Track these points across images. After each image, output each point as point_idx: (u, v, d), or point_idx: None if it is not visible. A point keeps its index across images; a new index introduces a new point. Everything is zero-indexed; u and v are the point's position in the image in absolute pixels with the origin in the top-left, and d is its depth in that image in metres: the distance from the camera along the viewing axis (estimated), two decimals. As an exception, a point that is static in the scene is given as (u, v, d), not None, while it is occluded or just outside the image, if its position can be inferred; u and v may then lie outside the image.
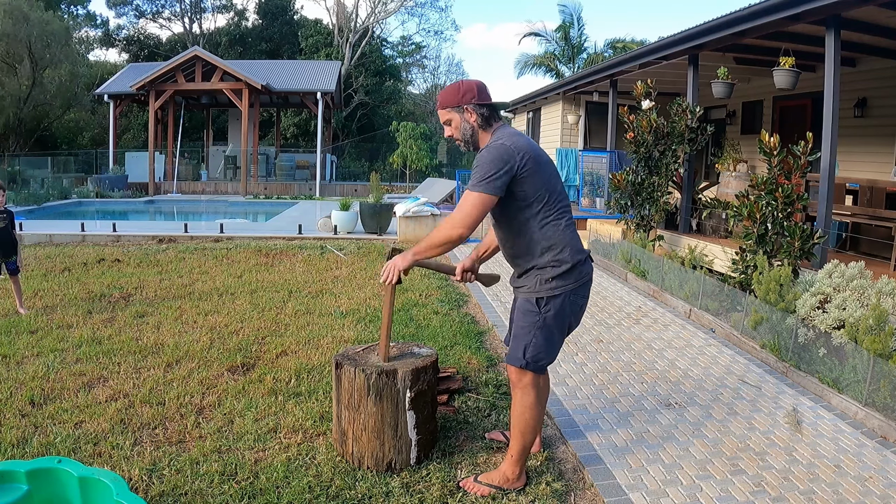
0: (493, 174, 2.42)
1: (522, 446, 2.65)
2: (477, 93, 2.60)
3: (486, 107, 2.61)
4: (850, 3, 5.25)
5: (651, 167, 7.82)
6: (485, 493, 2.61)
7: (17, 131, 23.28)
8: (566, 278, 2.54)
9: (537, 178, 2.50)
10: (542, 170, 2.52)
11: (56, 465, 2.05)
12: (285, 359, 4.15)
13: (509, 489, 2.64)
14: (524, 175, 2.47)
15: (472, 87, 2.62)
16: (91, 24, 31.54)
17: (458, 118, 2.62)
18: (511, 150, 2.45)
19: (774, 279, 4.71)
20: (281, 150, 24.42)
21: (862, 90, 8.42)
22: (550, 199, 2.54)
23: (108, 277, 6.54)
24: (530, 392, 2.60)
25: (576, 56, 25.30)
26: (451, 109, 2.62)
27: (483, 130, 2.62)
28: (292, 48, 31.53)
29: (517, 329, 2.62)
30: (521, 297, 2.62)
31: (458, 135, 2.64)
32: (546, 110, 15.63)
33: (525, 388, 2.60)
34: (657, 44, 8.35)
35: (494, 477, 2.66)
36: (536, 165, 2.49)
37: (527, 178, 2.47)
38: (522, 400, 2.61)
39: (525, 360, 2.56)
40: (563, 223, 2.57)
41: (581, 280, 2.60)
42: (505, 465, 2.69)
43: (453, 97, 2.61)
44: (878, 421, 3.35)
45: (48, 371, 3.81)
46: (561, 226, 2.56)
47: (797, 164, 5.21)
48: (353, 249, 8.79)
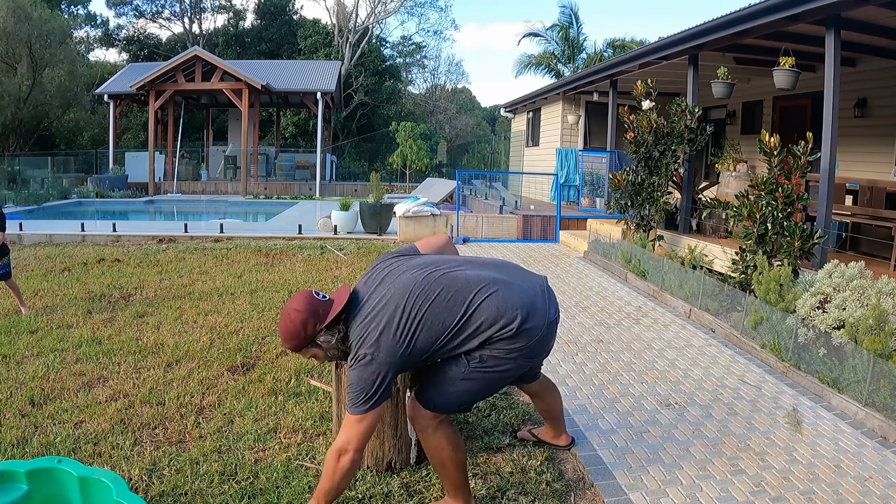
0: (367, 394, 2.17)
1: (453, 482, 2.45)
2: (316, 318, 2.26)
3: (335, 321, 2.27)
4: (850, 3, 5.25)
5: (651, 167, 7.82)
6: None
7: (17, 131, 23.26)
8: (513, 342, 2.28)
9: (420, 341, 2.22)
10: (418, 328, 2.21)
11: (56, 465, 2.05)
12: (285, 359, 4.15)
13: None
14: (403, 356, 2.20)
15: (306, 317, 2.25)
16: (91, 24, 31.52)
17: (318, 350, 2.32)
18: (377, 359, 2.17)
19: (774, 279, 4.71)
20: (281, 150, 24.40)
21: (862, 90, 8.42)
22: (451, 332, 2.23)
23: (108, 277, 6.54)
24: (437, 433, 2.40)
25: (575, 56, 25.29)
26: (308, 347, 2.31)
27: (345, 341, 2.29)
28: (291, 48, 31.51)
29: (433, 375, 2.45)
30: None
31: (327, 360, 2.39)
32: (546, 110, 15.63)
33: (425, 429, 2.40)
34: (657, 44, 8.35)
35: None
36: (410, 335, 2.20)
37: (409, 354, 2.21)
38: (429, 442, 2.42)
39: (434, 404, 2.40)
40: (490, 298, 2.25)
41: (534, 338, 2.31)
42: (447, 499, 2.49)
43: (298, 339, 2.28)
44: (878, 421, 3.35)
45: (48, 371, 3.81)
46: (485, 304, 2.24)
47: (797, 164, 5.21)
48: (353, 249, 8.79)
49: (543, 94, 14.75)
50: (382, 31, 34.43)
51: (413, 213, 9.91)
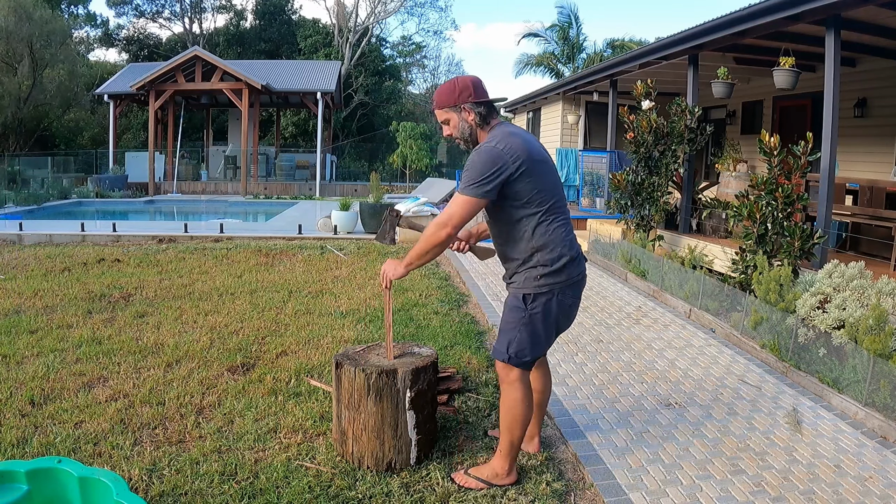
0: (482, 179, 2.40)
1: (510, 441, 2.65)
2: (473, 90, 2.55)
3: (484, 104, 2.57)
4: (850, 3, 5.25)
5: (651, 167, 7.82)
6: (472, 486, 2.63)
7: (17, 131, 23.27)
8: (555, 276, 2.53)
9: (531, 180, 2.47)
10: (536, 170, 2.48)
11: (56, 465, 2.05)
12: (285, 359, 4.15)
13: (499, 484, 2.65)
14: (516, 177, 2.44)
15: (468, 84, 2.57)
16: (91, 24, 31.53)
17: (455, 118, 2.58)
18: (503, 154, 2.42)
19: (774, 279, 4.71)
20: (281, 150, 24.40)
21: (862, 90, 8.42)
22: (544, 200, 2.51)
23: (108, 277, 6.54)
24: (517, 387, 2.60)
25: (575, 56, 25.30)
26: (448, 109, 2.58)
27: (481, 129, 2.58)
28: (291, 48, 31.52)
29: (503, 324, 2.63)
30: (511, 292, 2.62)
31: (456, 134, 2.61)
32: (546, 110, 15.63)
33: (512, 383, 2.61)
34: (657, 44, 8.35)
35: (484, 471, 2.68)
36: (531, 166, 2.46)
37: (518, 179, 2.45)
38: (509, 395, 2.62)
39: (508, 356, 2.57)
40: (557, 223, 2.54)
41: (571, 279, 2.58)
42: (494, 460, 2.70)
43: (449, 97, 2.57)
44: (878, 421, 3.35)
45: (48, 371, 3.80)
46: (553, 226, 2.53)
47: (797, 164, 5.21)
48: (353, 249, 8.79)
49: (543, 94, 14.76)
50: (382, 31, 34.48)
51: (413, 213, 9.91)
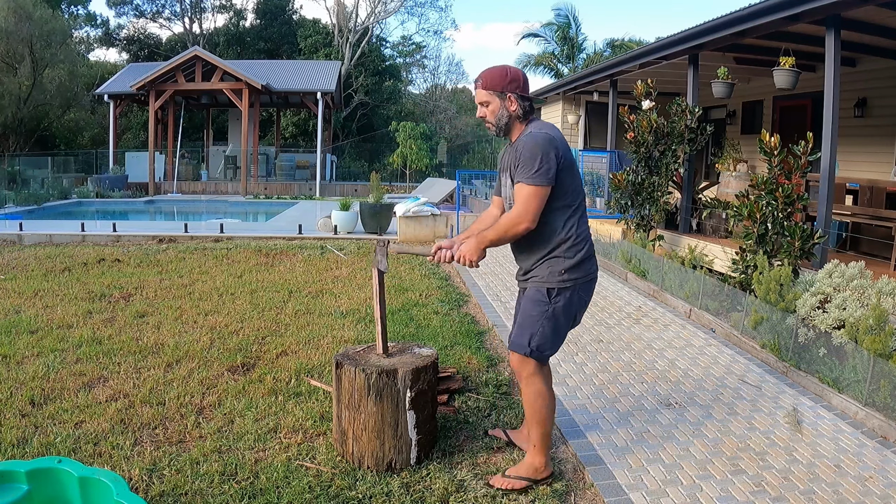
0: (545, 164, 2.44)
1: (542, 434, 2.68)
2: (522, 83, 2.60)
3: (528, 100, 2.62)
4: (850, 3, 5.25)
5: (651, 167, 7.82)
6: (516, 487, 2.63)
7: (17, 131, 23.26)
8: (576, 271, 2.57)
9: (570, 172, 2.54)
10: (572, 166, 2.56)
11: (56, 465, 2.05)
12: (285, 359, 4.14)
13: (539, 479, 2.68)
14: (561, 168, 2.49)
15: (519, 76, 2.60)
16: (91, 24, 31.51)
17: (497, 103, 2.59)
18: (555, 141, 2.49)
19: (774, 279, 4.71)
20: (281, 150, 24.39)
21: (862, 90, 8.42)
22: (577, 194, 2.58)
23: (108, 277, 6.54)
24: (536, 380, 2.63)
25: (575, 56, 25.30)
26: (494, 93, 2.58)
27: (519, 121, 2.62)
28: (291, 48, 31.50)
29: (524, 317, 2.63)
30: (532, 286, 2.63)
31: (492, 119, 2.62)
32: (546, 110, 15.63)
33: (530, 377, 2.63)
34: (657, 44, 8.35)
35: (522, 469, 2.69)
36: (570, 161, 2.55)
37: (564, 169, 2.50)
38: (530, 389, 2.64)
39: (530, 349, 2.58)
40: (584, 219, 2.63)
41: (590, 276, 2.63)
42: (530, 456, 2.72)
43: (499, 81, 2.57)
44: (878, 421, 3.35)
45: (48, 371, 3.80)
46: (582, 221, 2.61)
47: (797, 164, 5.21)
48: (353, 249, 8.79)
49: (543, 94, 14.75)
50: (382, 31, 34.46)
51: (413, 213, 9.90)
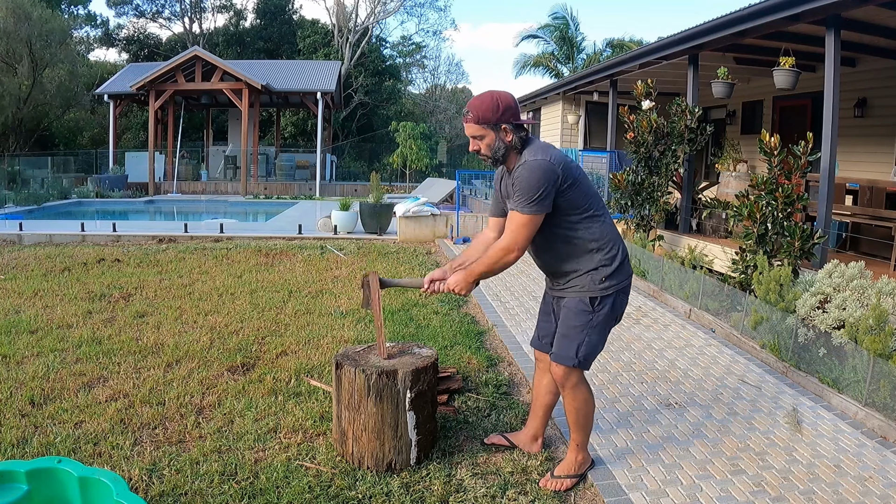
0: (540, 194, 2.39)
1: (587, 434, 2.75)
2: (515, 110, 2.50)
3: (523, 129, 2.53)
4: (850, 3, 5.24)
5: (651, 167, 7.82)
6: (568, 486, 2.70)
7: (17, 131, 23.27)
8: (617, 277, 2.57)
9: (578, 185, 2.50)
10: (577, 175, 2.51)
11: (56, 465, 2.05)
12: (285, 359, 4.15)
13: (584, 472, 2.78)
14: (566, 186, 2.46)
15: (511, 103, 2.49)
16: (91, 24, 31.51)
17: (492, 136, 2.49)
18: (552, 166, 2.42)
19: (774, 279, 4.71)
20: (281, 150, 24.40)
21: (862, 90, 8.42)
22: (594, 201, 2.56)
23: (108, 277, 6.54)
24: (581, 388, 2.66)
25: (574, 56, 25.29)
26: (488, 126, 2.48)
27: (516, 151, 2.53)
28: (291, 48, 31.51)
29: (567, 329, 2.60)
30: (572, 296, 2.60)
31: (487, 152, 2.52)
32: (546, 110, 15.63)
33: (575, 385, 2.65)
34: (657, 44, 8.35)
35: (568, 468, 2.75)
36: (573, 172, 2.49)
37: (570, 187, 2.47)
38: (577, 396, 2.66)
39: (578, 359, 2.58)
40: (608, 219, 2.60)
41: (628, 278, 2.64)
42: (573, 454, 2.76)
43: (491, 113, 2.46)
44: (878, 421, 3.35)
45: (48, 371, 3.80)
46: (608, 221, 2.59)
47: (797, 164, 5.21)
48: (353, 249, 8.79)
49: (543, 94, 14.76)
50: (382, 31, 34.46)
51: (413, 213, 9.91)
